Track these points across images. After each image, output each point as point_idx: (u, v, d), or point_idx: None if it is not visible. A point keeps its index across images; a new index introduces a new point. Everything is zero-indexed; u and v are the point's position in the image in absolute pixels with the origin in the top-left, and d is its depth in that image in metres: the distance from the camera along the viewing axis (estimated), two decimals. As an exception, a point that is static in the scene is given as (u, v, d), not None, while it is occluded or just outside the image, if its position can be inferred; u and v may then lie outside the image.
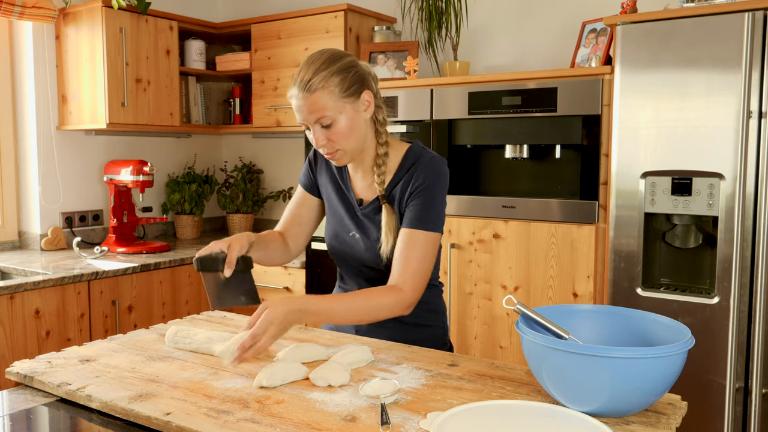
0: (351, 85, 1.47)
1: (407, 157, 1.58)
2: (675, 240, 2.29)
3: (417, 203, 1.53)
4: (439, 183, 1.55)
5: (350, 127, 1.49)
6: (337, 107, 1.46)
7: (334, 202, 1.67)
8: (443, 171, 1.57)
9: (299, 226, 1.73)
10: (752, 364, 2.10)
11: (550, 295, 2.50)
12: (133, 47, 3.20)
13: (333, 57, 1.48)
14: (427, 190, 1.53)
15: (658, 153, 2.22)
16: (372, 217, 1.60)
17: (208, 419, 1.11)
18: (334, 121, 1.47)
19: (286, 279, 3.13)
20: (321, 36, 3.24)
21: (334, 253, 1.69)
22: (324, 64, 1.46)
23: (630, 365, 1.05)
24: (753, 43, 2.03)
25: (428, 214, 1.53)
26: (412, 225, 1.52)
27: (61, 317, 2.65)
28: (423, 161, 1.56)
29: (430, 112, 2.74)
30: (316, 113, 1.46)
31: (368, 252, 1.60)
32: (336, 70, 1.46)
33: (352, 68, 1.49)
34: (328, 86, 1.45)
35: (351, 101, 1.48)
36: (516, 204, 2.57)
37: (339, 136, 1.49)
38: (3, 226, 3.29)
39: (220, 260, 1.48)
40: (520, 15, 3.11)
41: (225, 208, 3.86)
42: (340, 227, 1.65)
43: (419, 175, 1.54)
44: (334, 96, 1.45)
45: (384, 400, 1.16)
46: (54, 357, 1.43)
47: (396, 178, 1.58)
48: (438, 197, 1.55)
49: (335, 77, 1.45)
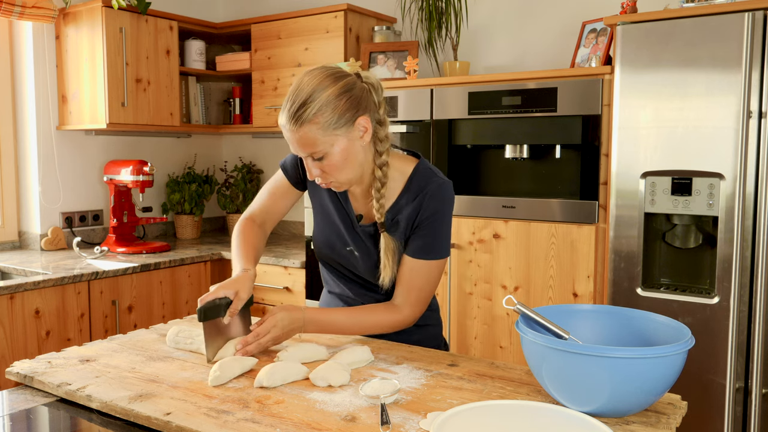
0: (344, 113, 1.36)
1: (413, 180, 1.50)
2: (675, 240, 2.29)
3: (424, 234, 1.48)
4: (448, 212, 1.51)
5: (344, 158, 1.39)
6: (329, 140, 1.36)
7: (329, 211, 1.59)
8: (451, 197, 1.51)
9: (277, 214, 1.68)
10: (752, 364, 2.10)
11: (550, 295, 2.50)
12: (133, 47, 3.20)
13: (325, 81, 1.36)
14: (435, 222, 1.48)
15: (658, 153, 2.22)
16: (373, 236, 1.54)
17: (208, 419, 1.11)
18: (326, 153, 1.37)
19: (286, 279, 3.13)
20: (321, 36, 3.24)
21: (325, 261, 1.65)
22: (315, 91, 1.34)
23: (630, 365, 1.05)
24: (753, 43, 2.03)
25: (436, 244, 1.50)
26: (418, 255, 1.49)
27: (61, 317, 2.65)
28: (431, 189, 1.48)
29: (430, 112, 2.74)
30: (306, 148, 1.37)
31: (366, 272, 1.56)
32: (327, 98, 1.34)
33: (345, 93, 1.36)
34: (317, 119, 1.33)
35: (344, 131, 1.37)
36: (516, 204, 2.57)
37: (333, 168, 1.40)
38: (3, 226, 3.29)
39: (223, 307, 1.43)
40: (520, 15, 3.11)
41: (225, 208, 3.86)
42: (335, 238, 1.59)
43: (428, 205, 1.47)
44: (324, 128, 1.34)
45: (384, 400, 1.16)
46: (54, 357, 1.43)
47: (401, 201, 1.50)
48: (446, 226, 1.51)
49: (326, 108, 1.34)
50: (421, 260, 1.49)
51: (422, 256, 1.49)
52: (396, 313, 1.51)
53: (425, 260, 1.49)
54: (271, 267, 3.15)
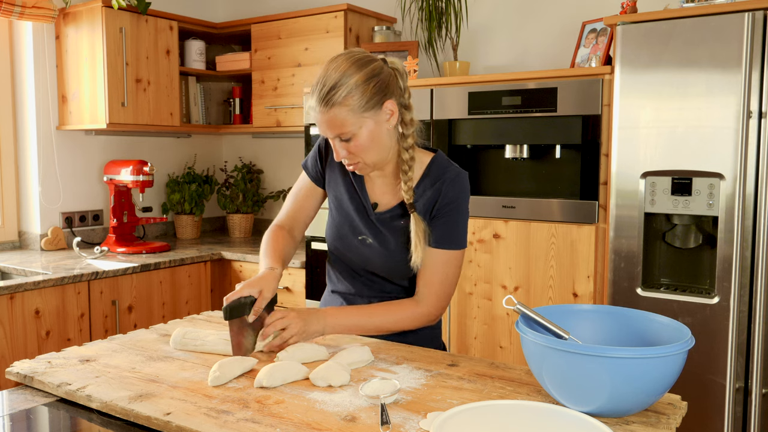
0: (372, 96, 1.40)
1: (432, 168, 1.53)
2: (675, 240, 2.29)
3: (444, 222, 1.49)
4: (466, 200, 1.52)
5: (371, 140, 1.43)
6: (357, 122, 1.40)
7: (344, 202, 1.60)
8: (468, 187, 1.53)
9: (304, 217, 1.69)
10: (752, 364, 2.10)
11: (550, 295, 2.50)
12: (133, 47, 3.20)
13: (354, 66, 1.40)
14: (453, 210, 1.49)
15: (658, 153, 2.22)
16: (389, 224, 1.54)
17: (208, 419, 1.11)
18: (354, 135, 1.41)
19: (287, 279, 3.13)
20: (321, 36, 3.24)
21: (336, 255, 1.65)
22: (344, 75, 1.38)
23: (630, 365, 1.05)
24: (753, 43, 2.03)
25: (456, 234, 1.50)
26: (439, 245, 1.50)
27: (61, 317, 2.65)
28: (449, 176, 1.50)
29: (430, 112, 2.74)
30: (334, 129, 1.41)
31: (381, 260, 1.55)
32: (355, 82, 1.38)
33: (374, 78, 1.40)
34: (346, 101, 1.38)
35: (372, 114, 1.41)
36: (516, 204, 2.57)
37: (360, 149, 1.43)
38: (3, 226, 3.29)
39: (248, 305, 1.44)
40: (520, 15, 3.11)
41: (225, 208, 3.86)
42: (347, 229, 1.59)
43: (447, 192, 1.49)
44: (353, 111, 1.38)
45: (384, 400, 1.16)
46: (54, 357, 1.43)
47: (420, 189, 1.52)
48: (464, 215, 1.52)
49: (355, 91, 1.38)
50: (441, 250, 1.50)
51: (442, 246, 1.50)
52: (418, 307, 1.51)
53: (445, 250, 1.50)
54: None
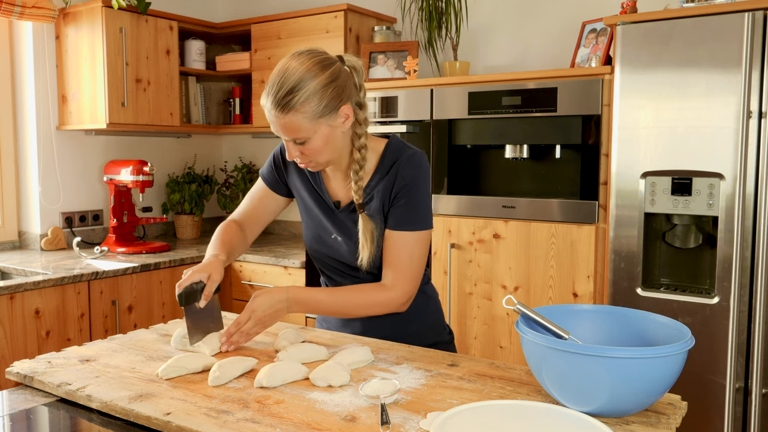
0: (329, 102, 1.39)
1: (386, 154, 1.52)
2: (675, 240, 2.29)
3: (402, 204, 1.49)
4: (423, 179, 1.51)
5: (325, 144, 1.43)
6: (312, 128, 1.39)
7: (310, 205, 1.62)
8: (425, 166, 1.52)
9: (258, 219, 1.70)
10: (752, 364, 2.10)
11: (550, 295, 2.50)
12: (133, 47, 3.20)
13: (313, 69, 1.38)
14: (411, 189, 1.49)
15: (658, 153, 2.22)
16: (353, 218, 1.55)
17: (208, 419, 1.11)
18: (308, 139, 1.41)
19: (286, 279, 3.13)
20: (321, 36, 3.24)
21: (317, 257, 1.65)
22: (302, 80, 1.36)
23: (630, 365, 1.05)
24: (753, 43, 2.03)
25: (415, 214, 1.50)
26: (401, 227, 1.49)
27: (61, 317, 2.65)
28: (403, 159, 1.50)
29: (430, 112, 2.74)
30: (289, 133, 1.41)
31: (351, 255, 1.56)
32: (314, 89, 1.36)
33: (330, 84, 1.39)
34: (303, 108, 1.37)
35: (327, 119, 1.40)
36: (516, 204, 2.57)
37: (312, 151, 1.43)
38: (3, 226, 3.29)
39: (199, 291, 1.46)
40: (520, 15, 3.11)
41: (225, 208, 3.86)
42: (320, 229, 1.60)
43: (402, 174, 1.49)
44: (308, 118, 1.38)
45: (384, 400, 1.16)
46: (54, 357, 1.43)
47: (376, 178, 1.52)
48: (423, 194, 1.51)
49: (312, 97, 1.37)
50: (404, 232, 1.49)
51: (404, 227, 1.49)
52: (385, 290, 1.49)
53: (408, 231, 1.49)
54: (271, 267, 3.15)
